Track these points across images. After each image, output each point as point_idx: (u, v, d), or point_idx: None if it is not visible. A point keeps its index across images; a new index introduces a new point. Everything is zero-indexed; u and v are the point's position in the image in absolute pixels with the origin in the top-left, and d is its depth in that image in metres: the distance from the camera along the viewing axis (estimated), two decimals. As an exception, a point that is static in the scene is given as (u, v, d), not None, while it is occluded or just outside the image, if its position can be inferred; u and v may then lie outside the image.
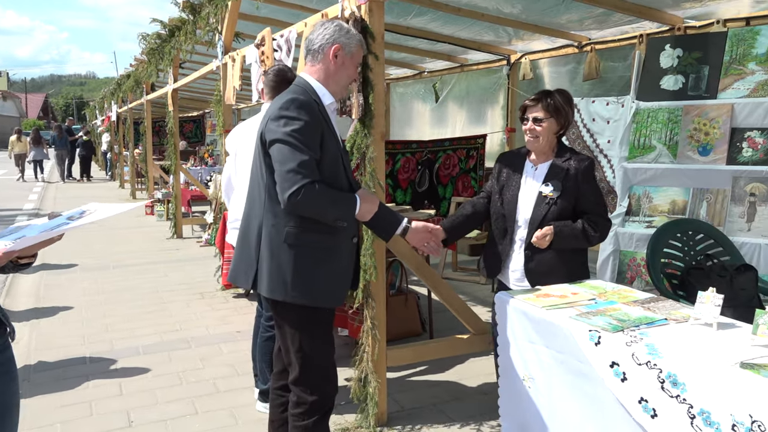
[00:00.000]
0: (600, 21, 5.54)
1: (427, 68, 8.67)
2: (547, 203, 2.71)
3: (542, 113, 2.72)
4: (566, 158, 2.75)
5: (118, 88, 15.08)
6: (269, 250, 2.32)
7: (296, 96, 2.29)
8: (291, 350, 2.39)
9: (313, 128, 2.26)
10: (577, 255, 2.83)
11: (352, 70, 2.46)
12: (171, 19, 7.56)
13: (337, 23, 2.43)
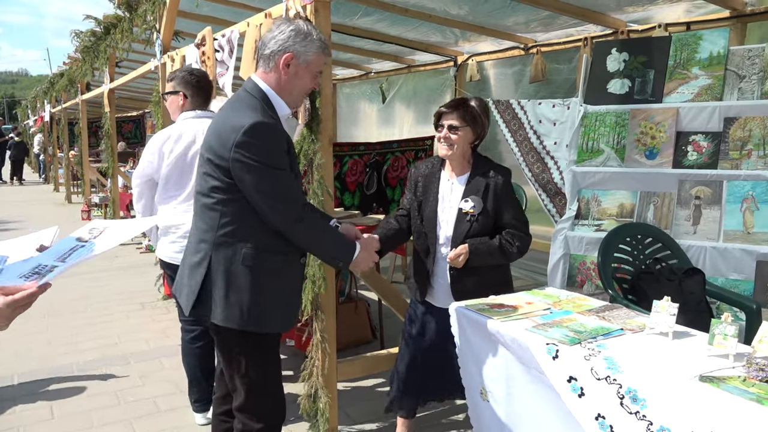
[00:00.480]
0: (545, 24, 5.57)
1: (373, 69, 8.59)
2: (468, 220, 2.61)
3: (458, 121, 2.60)
4: (484, 171, 2.65)
5: (52, 87, 14.41)
6: (224, 274, 2.13)
7: (260, 120, 2.06)
8: (236, 376, 2.24)
9: (282, 149, 2.12)
10: (501, 272, 2.78)
11: (307, 80, 2.24)
12: (106, 15, 7.21)
13: (295, 26, 2.19)
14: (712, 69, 3.53)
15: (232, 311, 2.13)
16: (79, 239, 1.62)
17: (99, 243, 1.56)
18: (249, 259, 2.12)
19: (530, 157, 5.87)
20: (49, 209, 12.74)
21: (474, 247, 2.59)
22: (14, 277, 1.43)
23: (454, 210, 2.63)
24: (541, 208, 5.83)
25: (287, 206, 2.11)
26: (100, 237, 1.63)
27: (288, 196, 2.11)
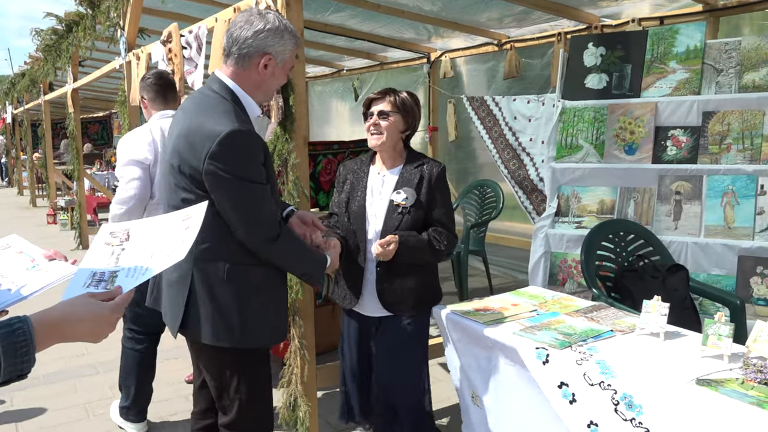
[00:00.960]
0: (519, 19, 5.52)
1: (345, 66, 8.47)
2: (399, 213, 2.42)
3: (388, 106, 2.46)
4: (418, 164, 2.48)
5: (13, 88, 13.96)
6: (208, 292, 2.00)
7: (235, 128, 1.89)
8: (225, 394, 2.12)
9: (259, 159, 1.98)
10: (431, 273, 2.60)
11: (282, 77, 2.13)
12: (67, 13, 6.96)
13: (271, 24, 2.00)
14: (689, 63, 3.50)
15: (220, 330, 2.01)
16: (107, 243, 1.52)
17: (158, 257, 1.41)
18: (231, 275, 1.99)
19: (506, 154, 5.83)
20: (14, 213, 12.36)
21: (404, 239, 2.37)
22: (80, 287, 1.35)
23: (385, 203, 2.46)
24: (517, 205, 5.80)
25: (262, 225, 1.96)
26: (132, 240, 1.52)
27: (263, 215, 1.96)
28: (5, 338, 1.05)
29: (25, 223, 10.87)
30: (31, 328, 1.08)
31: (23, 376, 1.09)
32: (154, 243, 1.48)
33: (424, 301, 2.51)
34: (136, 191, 3.00)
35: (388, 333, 2.50)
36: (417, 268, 2.46)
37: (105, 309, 1.20)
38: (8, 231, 1.63)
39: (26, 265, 1.54)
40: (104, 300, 1.23)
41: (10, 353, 1.05)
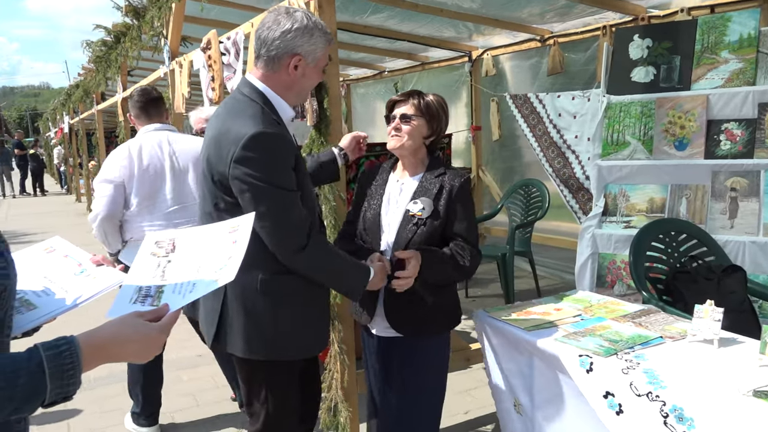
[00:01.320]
0: (562, 13, 5.38)
1: (387, 68, 8.44)
2: (414, 224, 2.20)
3: (411, 110, 2.26)
4: (439, 173, 2.26)
5: (69, 99, 14.49)
6: (242, 304, 1.97)
7: (261, 130, 1.84)
8: (255, 402, 2.12)
9: (288, 163, 1.89)
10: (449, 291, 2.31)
11: (315, 77, 2.05)
12: (115, 24, 7.16)
13: (299, 23, 1.93)
14: (743, 52, 3.32)
15: (253, 343, 1.98)
16: (153, 254, 1.49)
17: (204, 272, 1.38)
18: (266, 285, 1.95)
19: (550, 152, 5.69)
20: (72, 220, 12.81)
21: (427, 254, 2.13)
22: (126, 303, 1.32)
23: (400, 212, 2.25)
24: (563, 204, 5.64)
25: (288, 234, 1.86)
26: (178, 251, 1.49)
27: (290, 223, 1.86)
28: (52, 360, 1.03)
29: (81, 229, 11.23)
30: (78, 350, 1.06)
31: (68, 398, 1.06)
32: (200, 256, 1.44)
33: (439, 323, 2.26)
34: (102, 209, 3.15)
35: (396, 357, 2.26)
36: (433, 286, 2.21)
37: (153, 330, 1.18)
38: (67, 237, 1.64)
39: (74, 270, 1.51)
40: (151, 319, 1.20)
41: (57, 375, 1.02)
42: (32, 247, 1.55)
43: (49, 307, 1.36)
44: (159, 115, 3.40)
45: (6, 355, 1.04)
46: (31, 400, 1.02)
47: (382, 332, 2.27)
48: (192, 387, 3.97)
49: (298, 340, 2.03)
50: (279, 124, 1.96)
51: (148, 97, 3.36)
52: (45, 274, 1.44)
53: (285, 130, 1.97)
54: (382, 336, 2.28)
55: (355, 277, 2.01)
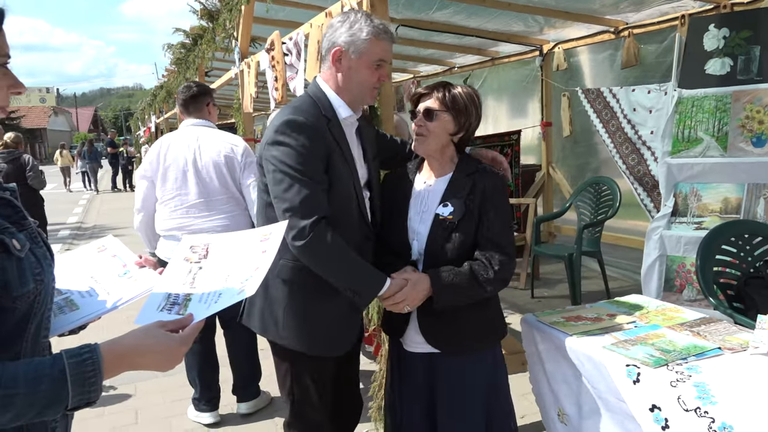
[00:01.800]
0: (637, 3, 5.13)
1: (457, 63, 8.35)
2: (445, 228, 2.03)
3: (435, 104, 2.05)
4: (471, 172, 2.08)
5: (154, 99, 15.23)
6: (264, 283, 2.05)
7: (293, 117, 1.91)
8: (284, 391, 2.16)
9: (315, 152, 1.90)
10: (489, 302, 2.13)
11: (365, 73, 1.97)
12: (192, 27, 7.47)
13: (345, 17, 1.99)
14: (832, 40, 3.06)
15: (268, 325, 2.07)
16: (186, 259, 1.52)
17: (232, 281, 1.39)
18: (285, 272, 2.00)
19: (624, 149, 5.46)
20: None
21: (435, 276, 1.96)
22: (154, 310, 1.36)
23: (430, 217, 2.08)
24: (636, 202, 5.40)
25: (292, 218, 1.85)
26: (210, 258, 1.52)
27: (297, 207, 1.86)
28: (74, 368, 1.06)
29: (163, 223, 11.81)
30: (100, 358, 1.09)
31: (91, 403, 1.09)
32: (230, 264, 1.45)
33: (479, 338, 2.10)
34: (138, 204, 3.43)
35: (436, 376, 2.10)
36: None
37: (174, 342, 1.20)
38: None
39: (118, 271, 1.55)
40: (174, 329, 1.23)
41: (78, 383, 1.06)
42: (86, 246, 1.60)
43: (90, 308, 1.41)
44: (198, 110, 3.44)
45: (29, 362, 1.08)
46: (52, 405, 1.05)
47: (414, 348, 2.13)
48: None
49: (307, 334, 2.02)
50: (327, 119, 1.98)
51: (187, 93, 3.42)
52: (92, 274, 1.49)
53: (324, 125, 1.96)
54: (417, 352, 2.12)
55: (361, 282, 1.93)
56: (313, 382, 2.11)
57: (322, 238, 1.86)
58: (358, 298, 1.95)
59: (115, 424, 3.59)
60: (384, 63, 2.01)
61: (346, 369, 2.29)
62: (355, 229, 2.03)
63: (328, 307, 2.02)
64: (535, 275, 5.94)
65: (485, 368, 2.10)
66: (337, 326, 2.07)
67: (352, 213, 2.04)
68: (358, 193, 2.05)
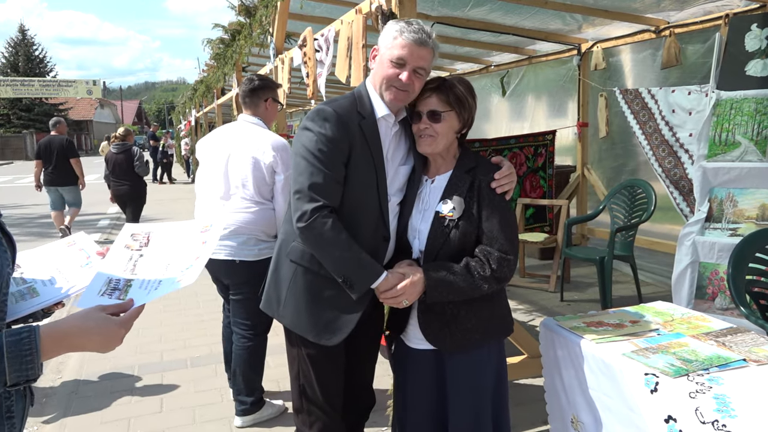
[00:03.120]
0: (681, 1, 4.99)
1: (494, 62, 8.27)
2: (445, 226, 2.00)
3: (440, 105, 2.02)
4: (470, 167, 2.06)
5: (195, 94, 15.50)
6: (275, 260, 2.19)
7: (322, 107, 2.01)
8: (291, 372, 2.24)
9: (336, 143, 1.94)
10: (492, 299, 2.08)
11: (384, 66, 2.00)
12: (230, 23, 7.56)
13: (391, 22, 2.08)
14: None
15: (271, 298, 2.17)
16: (127, 246, 1.61)
17: (173, 270, 1.49)
18: (295, 254, 2.09)
19: (661, 151, 5.32)
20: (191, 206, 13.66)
21: (428, 271, 1.95)
22: (95, 295, 1.44)
23: (431, 214, 2.06)
24: (672, 206, 5.26)
25: (297, 198, 1.96)
26: (151, 246, 1.61)
27: (303, 188, 1.94)
28: (11, 346, 1.13)
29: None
30: (37, 338, 1.16)
31: (31, 380, 1.17)
32: (171, 253, 1.53)
33: (482, 336, 2.05)
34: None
35: (443, 373, 2.09)
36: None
37: (113, 324, 1.26)
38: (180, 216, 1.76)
39: (82, 262, 1.65)
40: (114, 314, 1.29)
41: (16, 360, 1.13)
42: (58, 242, 1.70)
43: (49, 295, 1.50)
44: (254, 105, 3.38)
45: None
46: None
47: (416, 344, 2.12)
48: (279, 373, 4.10)
49: (304, 317, 2.08)
50: (361, 116, 2.01)
51: (247, 87, 3.39)
52: (58, 266, 1.58)
53: (355, 120, 1.99)
54: (421, 349, 2.11)
55: (354, 272, 1.94)
56: (318, 369, 2.15)
57: (321, 225, 1.92)
58: (351, 289, 1.96)
59: (141, 411, 3.67)
60: (404, 62, 1.98)
61: (357, 365, 2.30)
62: (372, 229, 2.04)
63: (328, 294, 2.05)
64: (565, 278, 5.84)
65: (491, 366, 2.11)
66: (332, 315, 2.07)
67: (371, 212, 2.04)
68: (381, 195, 2.04)
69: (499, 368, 2.15)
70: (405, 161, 2.14)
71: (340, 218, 1.96)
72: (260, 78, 3.44)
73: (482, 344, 2.08)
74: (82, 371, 4.32)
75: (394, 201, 2.11)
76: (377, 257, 2.03)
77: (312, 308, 2.07)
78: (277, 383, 3.98)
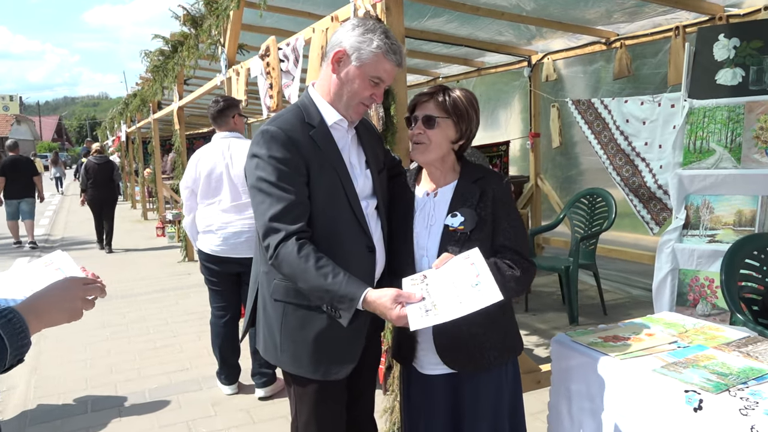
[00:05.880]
0: (631, 13, 5.12)
1: (442, 74, 8.29)
2: (456, 240, 1.89)
3: (435, 110, 1.94)
4: (477, 178, 1.97)
5: (126, 108, 14.84)
6: (262, 303, 2.00)
7: (266, 128, 1.84)
8: (292, 412, 2.06)
9: (289, 162, 1.79)
10: (507, 314, 2.03)
11: (359, 83, 1.84)
12: (173, 34, 7.25)
13: (360, 21, 1.89)
14: None
15: (268, 344, 2.00)
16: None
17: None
18: (278, 292, 1.92)
19: (618, 160, 5.42)
20: (127, 226, 13.06)
21: None
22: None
23: (438, 230, 1.94)
24: (627, 213, 5.37)
25: (265, 230, 1.80)
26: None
27: (267, 218, 1.78)
28: (5, 327, 1.17)
29: (136, 236, 11.44)
30: (21, 316, 1.21)
31: (22, 360, 1.23)
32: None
33: (498, 354, 1.97)
34: (185, 211, 3.97)
35: (458, 397, 2.00)
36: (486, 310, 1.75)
37: (75, 281, 1.37)
38: (123, 243, 1.60)
39: None
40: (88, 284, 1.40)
41: (13, 339, 1.17)
42: (36, 261, 1.61)
43: None
44: (225, 124, 3.83)
45: None
46: None
47: (431, 370, 2.00)
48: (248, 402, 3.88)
49: (303, 357, 1.92)
50: (310, 126, 1.87)
51: (215, 108, 3.81)
52: (33, 286, 1.44)
53: (305, 133, 1.85)
54: (434, 374, 2.00)
55: (334, 295, 1.73)
56: (320, 408, 1.97)
57: (287, 255, 1.76)
58: (338, 316, 1.77)
59: (193, 415, 3.69)
60: (381, 83, 1.89)
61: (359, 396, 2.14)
62: (354, 241, 1.90)
63: (326, 325, 1.88)
64: (527, 288, 5.85)
65: (508, 383, 2.04)
66: (335, 346, 1.91)
67: (347, 223, 1.90)
68: (352, 202, 1.90)
69: (515, 385, 2.08)
70: (366, 166, 2.01)
71: (318, 237, 1.81)
72: (224, 98, 3.90)
73: (501, 362, 1.99)
74: (27, 408, 3.94)
75: (370, 205, 1.97)
76: (364, 272, 1.88)
77: (312, 345, 1.90)
78: (249, 414, 3.74)
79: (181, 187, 3.92)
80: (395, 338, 2.16)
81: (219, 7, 5.18)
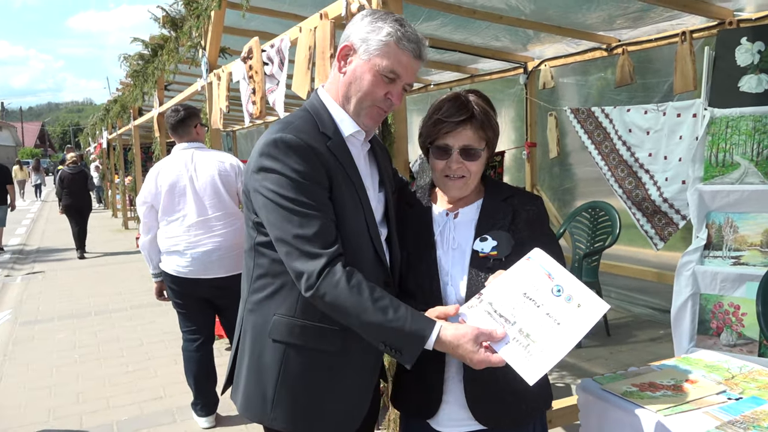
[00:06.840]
0: (634, 19, 4.87)
1: (433, 81, 8.01)
2: (489, 267, 1.63)
3: (477, 141, 1.66)
4: (506, 196, 1.74)
5: (107, 114, 14.43)
6: (250, 344, 1.62)
7: (279, 136, 1.51)
8: None
9: (312, 178, 1.50)
10: None
11: (368, 79, 1.55)
12: (152, 37, 6.91)
13: (370, 12, 1.62)
14: None
15: (253, 398, 1.61)
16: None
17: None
18: (279, 331, 1.56)
19: (620, 171, 5.15)
20: (107, 236, 12.65)
21: None
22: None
23: (466, 256, 1.68)
24: (630, 227, 5.10)
25: (301, 257, 1.46)
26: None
27: (304, 243, 1.46)
28: None
29: (116, 245, 11.04)
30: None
31: None
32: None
33: (529, 407, 1.69)
34: (141, 229, 3.66)
35: None
36: None
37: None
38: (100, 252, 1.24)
39: None
40: None
41: None
42: None
43: None
44: (187, 134, 3.64)
45: None
46: None
47: (458, 426, 1.68)
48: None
49: (303, 412, 1.57)
50: (326, 137, 1.57)
51: (175, 117, 3.59)
52: None
53: (323, 144, 1.55)
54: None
55: (396, 334, 1.43)
56: None
57: (335, 286, 1.45)
58: (400, 356, 1.46)
59: None
60: (397, 78, 1.57)
61: None
62: (370, 273, 1.56)
63: (336, 368, 1.57)
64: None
65: None
66: (348, 394, 1.61)
67: (364, 253, 1.59)
68: (371, 228, 1.61)
69: None
70: (380, 188, 1.73)
71: None
72: (184, 107, 3.69)
73: (534, 415, 1.71)
74: (-18, 448, 3.57)
75: (381, 234, 1.68)
76: None
77: (322, 396, 1.57)
78: None
79: (138, 203, 3.62)
80: (402, 386, 1.80)
81: (199, 7, 4.86)
